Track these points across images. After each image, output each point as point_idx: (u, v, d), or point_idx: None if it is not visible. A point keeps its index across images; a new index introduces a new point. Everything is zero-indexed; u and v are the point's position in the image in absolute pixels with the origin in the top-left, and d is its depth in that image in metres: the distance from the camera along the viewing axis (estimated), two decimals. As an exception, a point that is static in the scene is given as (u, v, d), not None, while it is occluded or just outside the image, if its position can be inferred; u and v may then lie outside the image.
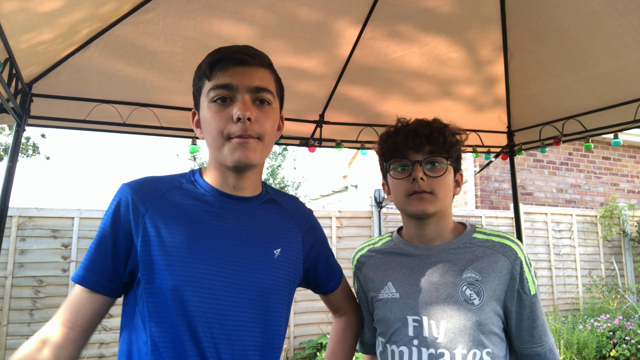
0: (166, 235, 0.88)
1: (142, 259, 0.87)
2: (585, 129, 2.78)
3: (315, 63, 2.57)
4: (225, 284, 0.89)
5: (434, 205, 1.06)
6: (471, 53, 2.60)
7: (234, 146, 0.88)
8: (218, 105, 0.90)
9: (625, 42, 2.16)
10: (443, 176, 1.08)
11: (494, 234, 1.10)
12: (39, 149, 10.47)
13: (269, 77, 0.96)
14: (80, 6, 1.75)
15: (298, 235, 1.05)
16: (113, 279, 0.89)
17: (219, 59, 0.90)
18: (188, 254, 0.88)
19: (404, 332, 1.05)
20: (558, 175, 7.96)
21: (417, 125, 1.11)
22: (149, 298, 0.87)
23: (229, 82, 0.89)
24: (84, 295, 0.89)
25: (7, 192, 2.10)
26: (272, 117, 0.94)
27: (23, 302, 4.45)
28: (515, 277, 1.03)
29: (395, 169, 1.11)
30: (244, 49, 0.94)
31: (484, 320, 1.00)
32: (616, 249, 7.26)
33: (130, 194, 0.91)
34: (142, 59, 2.27)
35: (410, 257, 1.12)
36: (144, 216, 0.89)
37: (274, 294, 0.96)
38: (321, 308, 5.44)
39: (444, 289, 1.04)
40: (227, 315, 0.88)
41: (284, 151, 11.01)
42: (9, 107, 2.02)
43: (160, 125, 2.62)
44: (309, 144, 3.06)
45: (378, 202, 5.97)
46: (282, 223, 1.03)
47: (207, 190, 0.96)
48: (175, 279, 0.86)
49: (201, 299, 0.87)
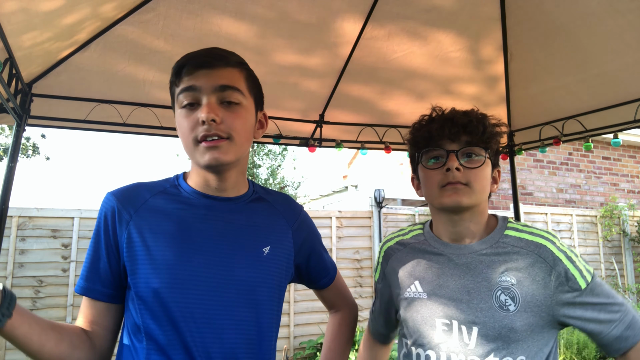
0: (150, 240, 0.90)
1: (128, 265, 0.89)
2: (585, 129, 2.78)
3: (316, 63, 2.57)
4: (212, 284, 0.89)
5: (469, 197, 0.97)
6: (472, 52, 2.60)
7: (204, 149, 0.89)
8: (187, 110, 0.91)
9: (625, 42, 2.16)
10: (480, 168, 0.99)
11: (526, 230, 1.00)
12: (39, 149, 10.47)
13: (237, 75, 0.95)
14: (80, 6, 1.75)
15: (288, 232, 1.05)
16: (112, 286, 0.92)
17: (183, 64, 0.92)
18: (173, 258, 0.88)
19: (431, 335, 0.98)
20: (558, 175, 7.96)
21: (455, 114, 1.04)
22: (137, 303, 0.88)
23: (192, 84, 0.90)
24: (90, 303, 0.92)
25: (7, 192, 2.10)
26: (242, 115, 0.94)
27: (23, 302, 4.45)
28: (560, 279, 0.93)
29: (428, 159, 1.04)
30: (208, 51, 0.95)
31: (519, 327, 0.92)
32: (616, 249, 7.26)
33: (115, 202, 0.93)
34: (142, 59, 2.27)
35: (440, 256, 1.04)
36: (128, 223, 0.91)
37: (263, 291, 0.96)
38: (321, 308, 5.44)
39: (476, 292, 0.96)
40: (216, 315, 0.89)
41: (283, 151, 10.99)
42: (9, 107, 2.02)
43: (160, 125, 2.62)
44: (309, 144, 3.06)
45: (378, 202, 5.97)
46: (272, 221, 1.03)
47: (190, 194, 0.97)
48: (161, 282, 0.87)
49: (188, 300, 0.87)
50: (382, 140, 3.09)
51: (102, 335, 0.93)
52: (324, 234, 5.66)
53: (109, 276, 0.92)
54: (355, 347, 4.93)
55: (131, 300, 0.90)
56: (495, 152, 1.06)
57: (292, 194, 11.02)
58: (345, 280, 5.43)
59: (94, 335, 0.91)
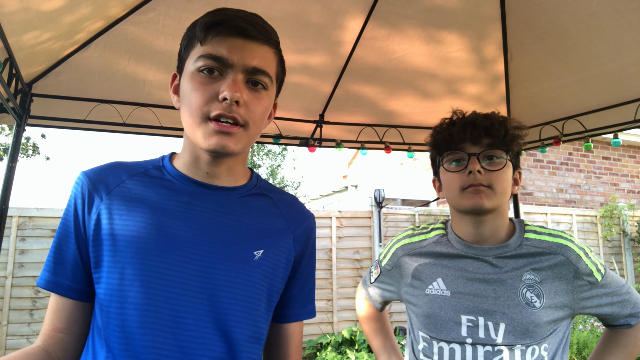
0: (119, 227, 0.75)
1: (92, 255, 0.76)
2: (585, 129, 2.78)
3: (316, 62, 2.57)
4: (184, 285, 0.74)
5: (491, 200, 0.99)
6: (472, 52, 2.60)
7: (212, 130, 0.74)
8: (204, 76, 0.76)
9: (625, 42, 2.16)
10: (502, 170, 1.01)
11: (545, 232, 1.05)
12: (39, 149, 10.46)
13: (272, 57, 0.82)
14: (80, 6, 1.75)
15: (289, 238, 0.88)
16: (81, 281, 0.78)
17: (218, 22, 0.76)
18: (142, 249, 0.74)
19: (457, 331, 1.01)
20: (558, 175, 7.96)
21: (476, 117, 1.05)
22: (97, 300, 0.75)
23: (222, 55, 0.75)
24: (58, 299, 0.78)
25: (7, 192, 2.10)
26: (265, 103, 0.80)
27: (23, 302, 4.45)
28: (580, 275, 1.00)
29: (450, 162, 1.05)
30: (250, 17, 0.79)
31: (545, 322, 0.98)
32: (616, 249, 7.26)
33: (87, 183, 0.79)
34: (142, 59, 2.27)
35: (463, 257, 1.06)
36: (98, 207, 0.77)
37: (249, 302, 0.79)
38: (321, 308, 5.44)
39: (502, 291, 1.00)
40: (182, 323, 0.73)
41: (283, 151, 11.01)
42: (9, 107, 2.02)
43: (160, 125, 2.62)
44: (309, 144, 3.06)
45: (378, 202, 5.97)
46: (271, 221, 0.87)
47: (174, 177, 0.82)
48: (122, 277, 0.73)
49: (152, 302, 0.72)
50: (382, 140, 3.09)
51: (70, 344, 0.77)
52: (324, 234, 5.66)
53: (79, 269, 0.77)
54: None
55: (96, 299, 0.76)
56: (516, 154, 1.08)
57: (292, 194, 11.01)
58: (344, 280, 5.40)
59: (60, 347, 0.77)
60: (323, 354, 5.02)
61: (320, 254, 5.58)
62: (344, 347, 5.09)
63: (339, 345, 5.13)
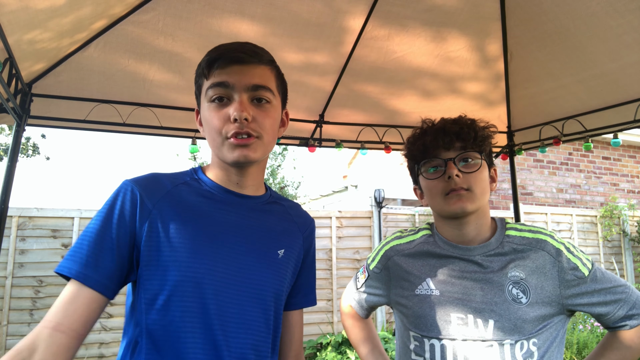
0: (173, 231, 0.87)
1: (145, 256, 0.85)
2: (585, 129, 2.78)
3: (316, 62, 2.57)
4: (228, 281, 0.88)
5: (473, 202, 1.04)
6: (472, 52, 2.60)
7: (232, 146, 0.88)
8: (216, 105, 0.90)
9: (625, 43, 2.16)
10: (478, 171, 1.06)
11: (525, 229, 1.09)
12: (39, 149, 10.46)
13: (269, 74, 0.95)
14: (80, 6, 1.75)
15: (300, 238, 1.05)
16: (112, 277, 0.83)
17: (216, 58, 0.90)
18: (194, 250, 0.86)
19: (447, 328, 1.04)
20: (558, 175, 7.96)
21: (445, 123, 1.09)
22: (149, 294, 0.84)
23: (225, 80, 0.89)
24: (79, 293, 0.80)
25: (7, 192, 2.10)
26: (272, 115, 0.94)
27: (23, 302, 4.45)
28: (565, 269, 1.02)
29: (428, 170, 1.09)
30: (242, 46, 0.93)
31: (532, 318, 1.00)
32: (616, 249, 7.26)
33: (137, 189, 0.89)
34: (142, 59, 2.27)
35: (449, 257, 1.10)
36: (150, 212, 0.87)
37: (277, 294, 0.94)
38: (320, 308, 5.44)
39: (489, 288, 1.03)
40: (228, 313, 0.87)
41: (283, 151, 11.01)
42: (9, 107, 2.02)
43: (160, 125, 2.62)
44: (308, 144, 3.06)
45: (378, 202, 5.97)
46: (286, 225, 1.03)
47: (211, 187, 0.95)
48: (180, 274, 0.84)
49: (203, 295, 0.85)
50: (382, 140, 3.09)
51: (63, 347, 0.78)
52: (324, 234, 5.66)
53: (112, 265, 0.83)
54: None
55: (141, 292, 0.85)
56: (489, 153, 1.13)
57: (292, 194, 11.03)
58: (344, 280, 5.39)
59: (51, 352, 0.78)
60: (323, 354, 5.02)
61: (321, 254, 5.57)
62: (344, 347, 5.10)
63: (339, 345, 5.13)
